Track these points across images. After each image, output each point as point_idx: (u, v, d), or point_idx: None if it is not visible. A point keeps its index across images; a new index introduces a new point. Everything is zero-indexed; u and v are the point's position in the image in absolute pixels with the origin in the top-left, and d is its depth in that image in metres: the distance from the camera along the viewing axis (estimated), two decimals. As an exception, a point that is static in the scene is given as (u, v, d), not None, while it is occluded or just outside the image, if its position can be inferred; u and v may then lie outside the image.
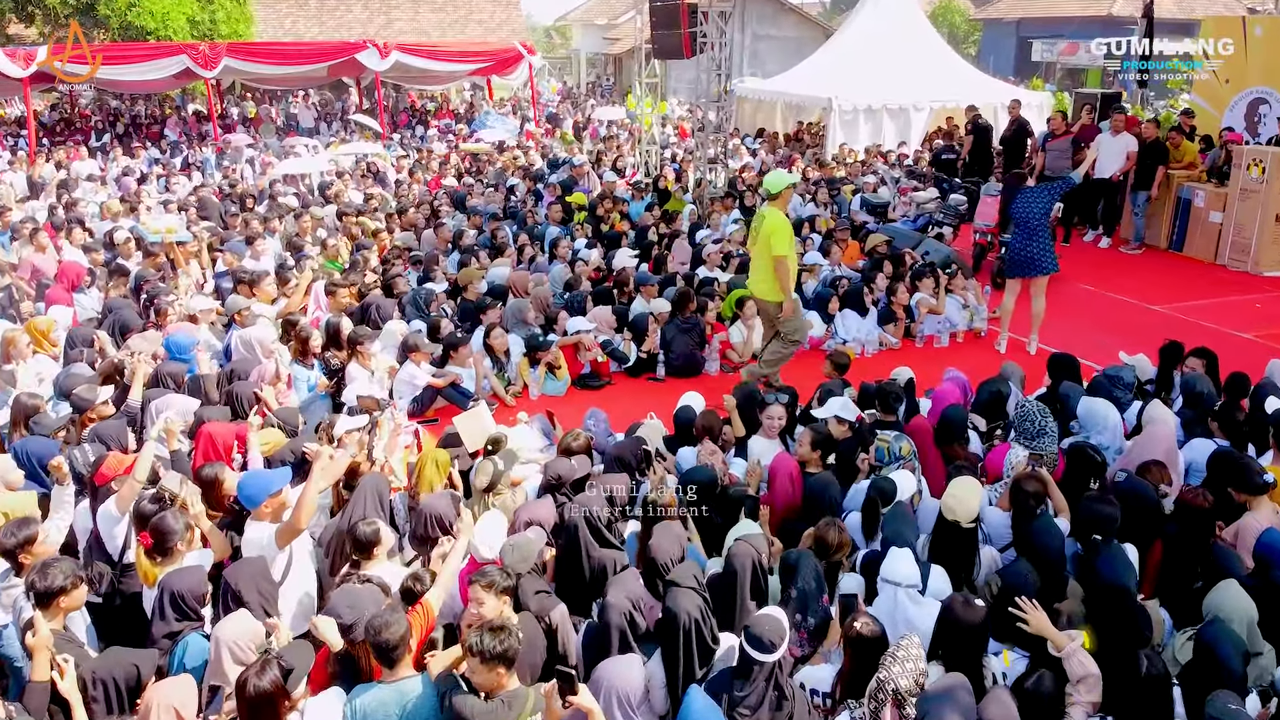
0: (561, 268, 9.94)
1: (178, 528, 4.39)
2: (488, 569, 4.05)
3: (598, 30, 48.56)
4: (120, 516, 4.87)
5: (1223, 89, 15.70)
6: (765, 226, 7.42)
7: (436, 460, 5.32)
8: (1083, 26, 40.49)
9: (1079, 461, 5.54)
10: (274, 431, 5.83)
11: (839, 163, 17.30)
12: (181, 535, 4.40)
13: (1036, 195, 8.53)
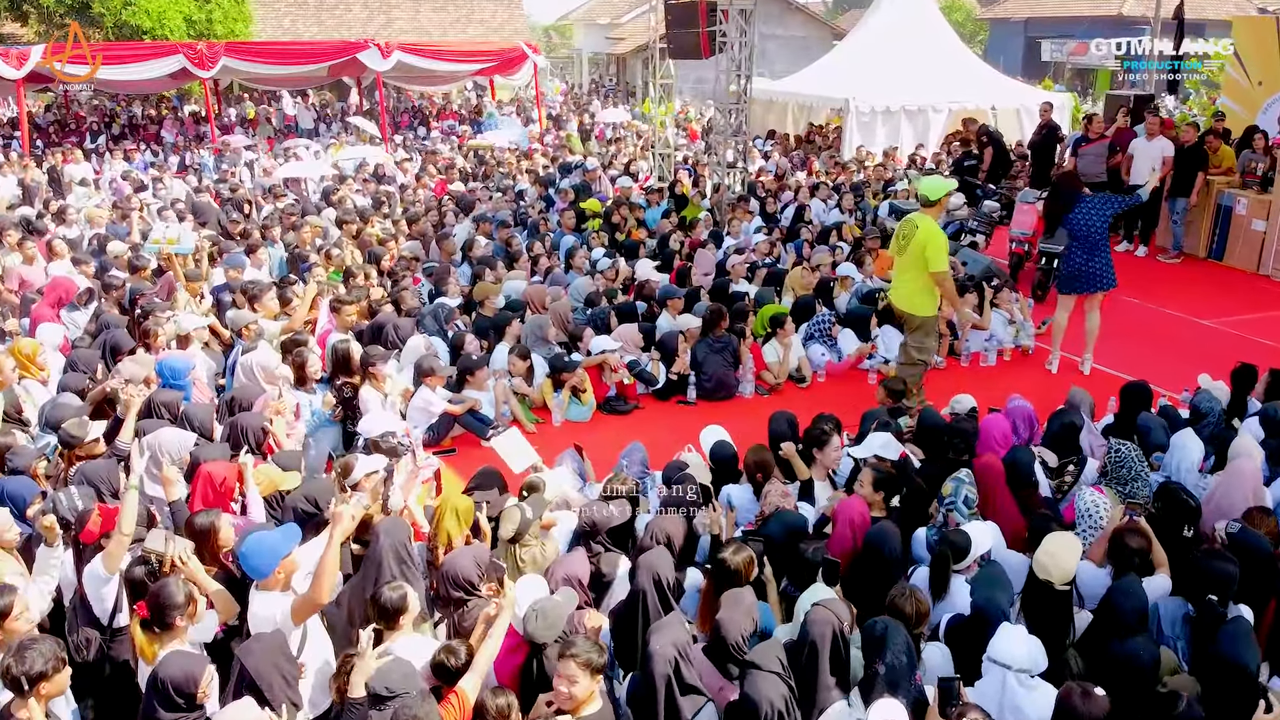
0: (584, 280, 9.38)
1: (179, 600, 3.83)
2: (577, 641, 3.52)
3: (600, 30, 48.00)
4: (109, 577, 4.32)
5: (1255, 91, 15.18)
6: (919, 236, 6.95)
7: (457, 510, 4.75)
8: (1092, 26, 40.00)
9: (1172, 506, 5.00)
10: (271, 469, 5.25)
11: (860, 165, 16.77)
12: (183, 609, 3.84)
13: (1099, 207, 7.99)
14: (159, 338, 7.40)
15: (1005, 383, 8.28)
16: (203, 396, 6.96)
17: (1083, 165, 12.88)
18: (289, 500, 4.92)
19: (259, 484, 5.15)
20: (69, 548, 4.68)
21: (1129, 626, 3.99)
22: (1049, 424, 6.13)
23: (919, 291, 7.13)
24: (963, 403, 6.40)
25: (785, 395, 8.04)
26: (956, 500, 4.93)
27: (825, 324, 8.54)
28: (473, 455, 6.84)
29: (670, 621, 3.92)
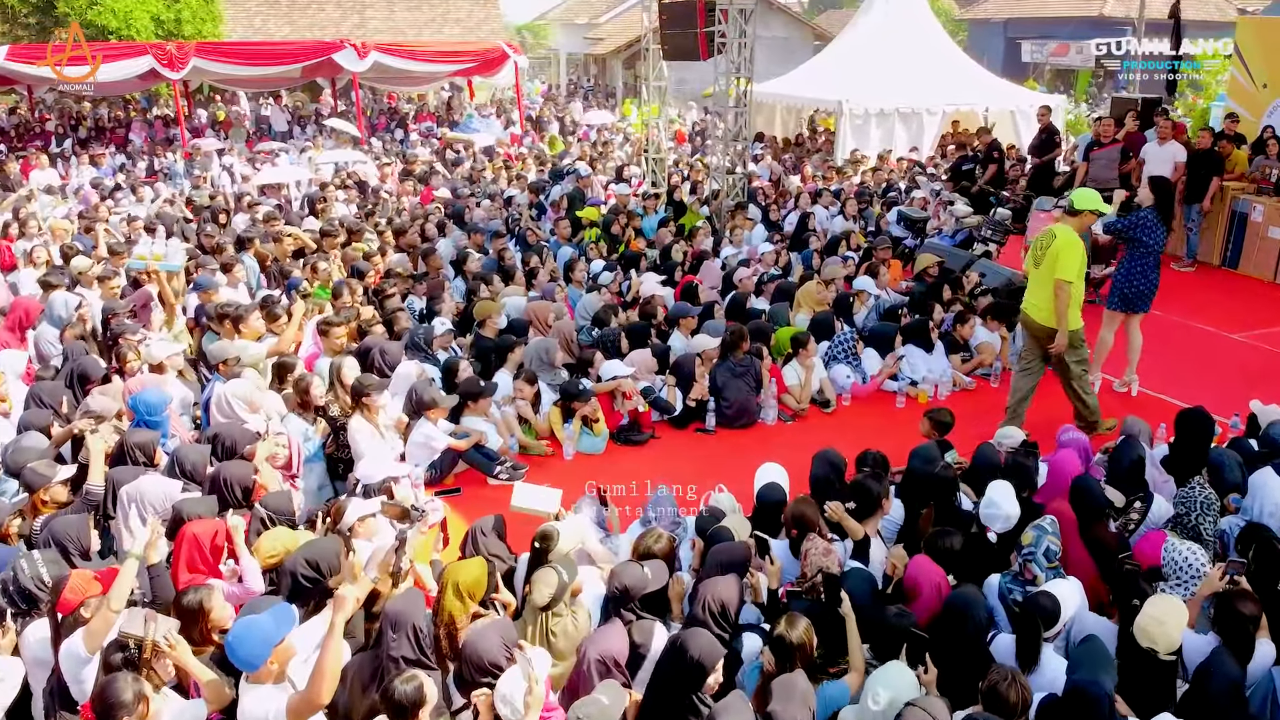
0: (591, 298, 8.80)
1: (126, 698, 3.26)
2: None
3: (578, 30, 47.40)
4: (89, 657, 3.74)
5: (1260, 93, 14.86)
6: (1056, 245, 6.65)
7: (459, 584, 4.06)
8: (1074, 27, 39.92)
9: (1266, 558, 4.53)
10: (280, 536, 4.62)
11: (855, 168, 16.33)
12: (132, 709, 3.26)
13: (1158, 224, 7.50)
14: (129, 362, 6.77)
15: (1040, 404, 7.80)
16: (179, 433, 6.33)
17: (1094, 170, 12.45)
18: (286, 563, 4.32)
19: (274, 553, 4.53)
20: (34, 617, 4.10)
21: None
22: (1114, 458, 5.65)
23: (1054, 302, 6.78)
24: (1012, 436, 5.90)
25: (810, 421, 7.53)
26: (1037, 552, 4.42)
27: (848, 343, 8.03)
28: (480, 495, 6.28)
29: (733, 705, 3.41)
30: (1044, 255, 6.80)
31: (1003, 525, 4.90)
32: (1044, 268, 6.77)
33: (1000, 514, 4.88)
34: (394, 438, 6.42)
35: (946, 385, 7.97)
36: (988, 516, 4.94)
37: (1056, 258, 6.63)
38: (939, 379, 7.99)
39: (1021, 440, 5.88)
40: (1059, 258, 6.62)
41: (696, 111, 29.68)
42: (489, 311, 7.84)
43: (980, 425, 7.30)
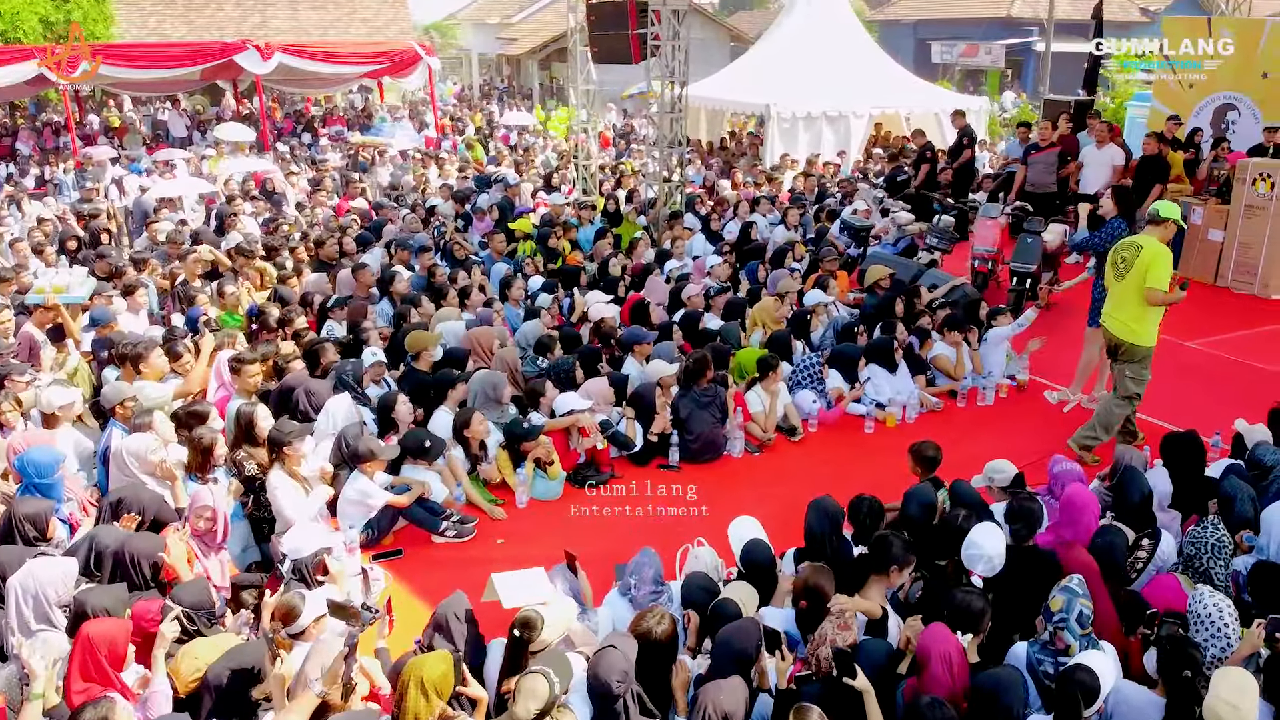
0: (535, 323, 8.14)
1: None
2: None
3: (490, 30, 46.39)
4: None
5: (1186, 94, 14.99)
6: (1145, 255, 6.43)
7: (424, 681, 3.44)
8: (983, 28, 40.64)
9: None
10: (201, 653, 3.86)
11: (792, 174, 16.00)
12: None
13: (1127, 235, 7.19)
14: (8, 414, 5.88)
15: (1014, 426, 7.48)
16: (76, 495, 5.49)
17: (1033, 175, 12.31)
18: (208, 675, 3.60)
19: (195, 675, 3.78)
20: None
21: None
22: (1121, 491, 5.28)
23: (1140, 318, 6.58)
24: (1004, 471, 5.47)
25: (778, 452, 7.02)
26: (1069, 618, 3.96)
27: (813, 366, 7.57)
28: (425, 556, 5.58)
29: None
30: (1128, 268, 6.56)
31: (986, 568, 4.47)
32: (1131, 279, 6.53)
33: (983, 555, 4.45)
34: (322, 491, 5.68)
35: (914, 407, 7.56)
36: (970, 558, 4.50)
37: (1148, 268, 6.43)
38: (906, 401, 7.58)
39: (1014, 475, 5.46)
40: (1150, 268, 6.42)
41: (615, 114, 29.15)
42: (424, 343, 7.07)
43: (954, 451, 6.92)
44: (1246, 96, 14.24)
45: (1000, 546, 4.40)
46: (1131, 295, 6.57)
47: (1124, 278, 6.62)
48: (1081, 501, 4.97)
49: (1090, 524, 4.92)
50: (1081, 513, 4.91)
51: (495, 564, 5.38)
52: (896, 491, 6.00)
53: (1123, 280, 6.63)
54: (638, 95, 31.02)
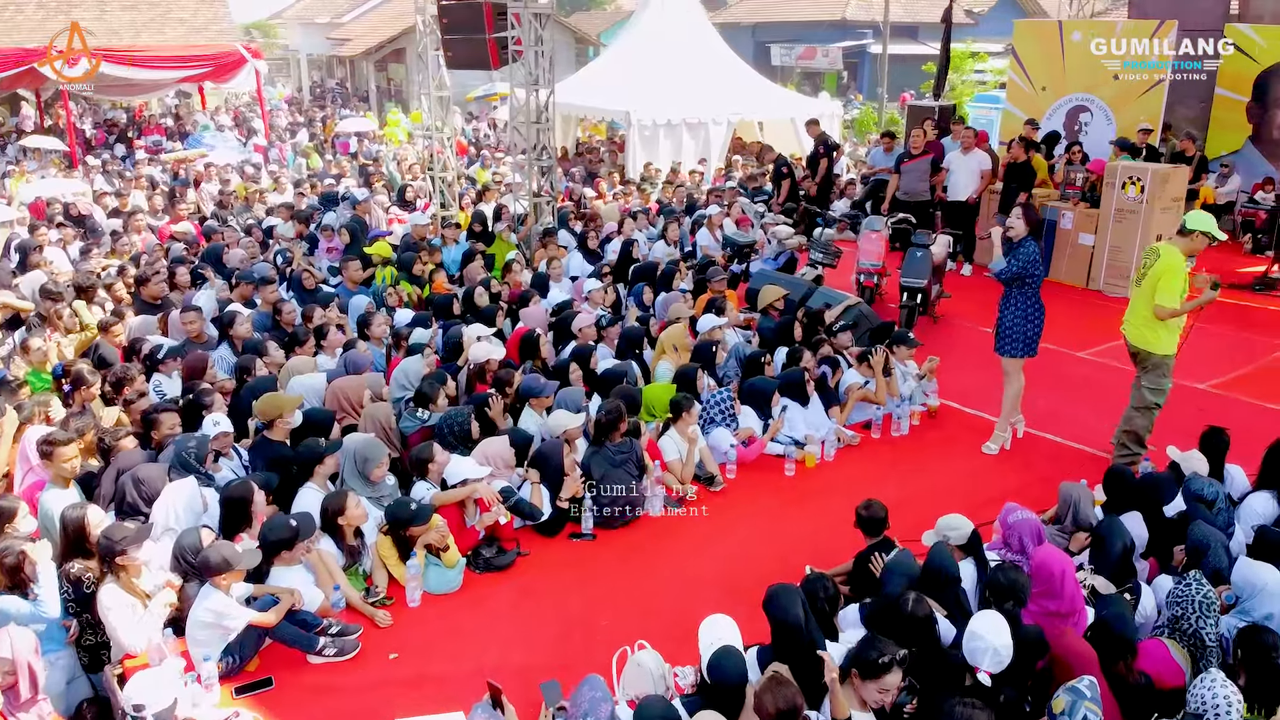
0: (414, 365, 7.06)
1: None
2: None
3: (319, 30, 43.89)
4: None
5: (1039, 96, 15.27)
6: (1159, 266, 6.25)
7: None
8: (820, 31, 41.52)
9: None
10: None
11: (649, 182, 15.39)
12: None
13: (1039, 255, 6.83)
14: None
15: (946, 462, 7.02)
16: None
17: (907, 183, 12.13)
18: None
19: None
20: None
21: None
22: (1100, 543, 4.83)
23: (1155, 326, 6.39)
24: (959, 528, 4.90)
25: (702, 505, 6.29)
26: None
27: (725, 403, 6.89)
28: (300, 684, 4.53)
29: None
30: (1145, 274, 6.40)
31: (994, 662, 3.89)
32: (1145, 287, 6.37)
33: (988, 648, 3.86)
34: (163, 599, 4.56)
35: (832, 443, 7.01)
36: (973, 652, 3.91)
37: (1159, 279, 6.22)
38: (824, 436, 7.02)
39: (971, 532, 4.92)
40: (1161, 279, 6.22)
41: (460, 118, 27.89)
42: (280, 409, 5.88)
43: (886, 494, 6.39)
44: (1098, 98, 14.59)
45: (1007, 636, 3.81)
46: (1144, 303, 6.41)
47: (1140, 284, 6.47)
48: (1059, 567, 4.45)
49: (1075, 591, 4.43)
50: (1064, 581, 4.40)
51: (390, 688, 4.45)
52: (837, 545, 5.53)
53: (1139, 286, 6.48)
54: (484, 99, 29.86)
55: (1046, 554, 4.53)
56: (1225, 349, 9.33)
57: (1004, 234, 6.89)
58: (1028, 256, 6.67)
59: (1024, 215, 6.78)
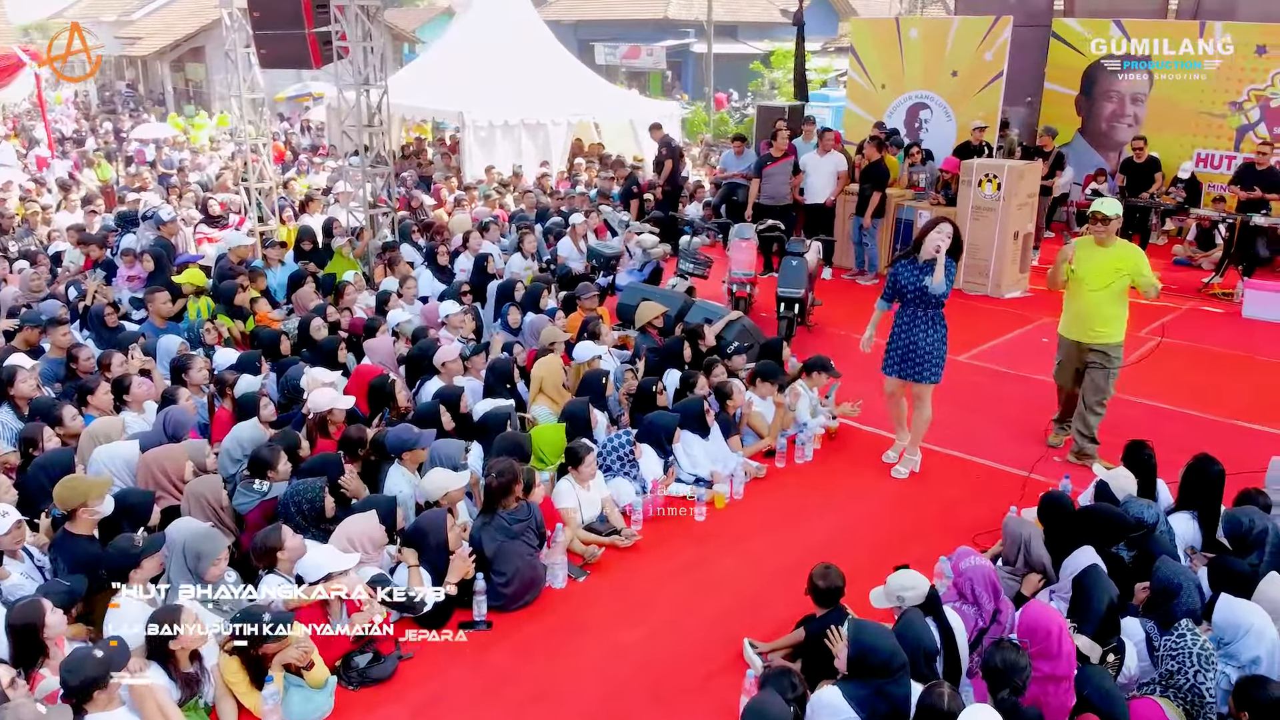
0: (248, 425, 5.84)
1: None
2: None
3: (106, 29, 39.98)
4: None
5: (878, 94, 15.27)
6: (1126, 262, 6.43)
7: None
8: (643, 30, 41.38)
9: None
10: None
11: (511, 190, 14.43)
12: None
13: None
14: None
15: (862, 491, 6.47)
16: None
17: (769, 188, 11.71)
18: None
19: None
20: None
21: None
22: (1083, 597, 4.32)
23: (1120, 319, 6.57)
24: (915, 587, 4.26)
25: (608, 570, 5.44)
26: None
27: (623, 446, 6.07)
28: None
29: None
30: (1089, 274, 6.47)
31: None
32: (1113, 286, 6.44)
33: None
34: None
35: (740, 478, 6.34)
36: None
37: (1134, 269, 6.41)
38: (731, 471, 6.35)
39: (929, 592, 4.32)
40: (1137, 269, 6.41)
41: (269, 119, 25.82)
42: (84, 496, 4.60)
43: (812, 535, 5.80)
44: (937, 95, 14.69)
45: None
46: (1109, 301, 6.49)
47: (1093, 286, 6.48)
48: (1055, 624, 3.92)
49: (1071, 649, 3.93)
50: (1061, 640, 3.88)
51: None
52: (771, 602, 4.99)
53: (1095, 290, 6.47)
54: (295, 99, 27.89)
55: (1039, 611, 4.01)
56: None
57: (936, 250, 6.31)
58: (950, 276, 6.22)
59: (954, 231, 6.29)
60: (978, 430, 7.36)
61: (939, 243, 6.10)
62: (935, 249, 6.10)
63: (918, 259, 6.26)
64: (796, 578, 5.25)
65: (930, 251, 6.16)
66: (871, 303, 6.73)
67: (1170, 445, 5.99)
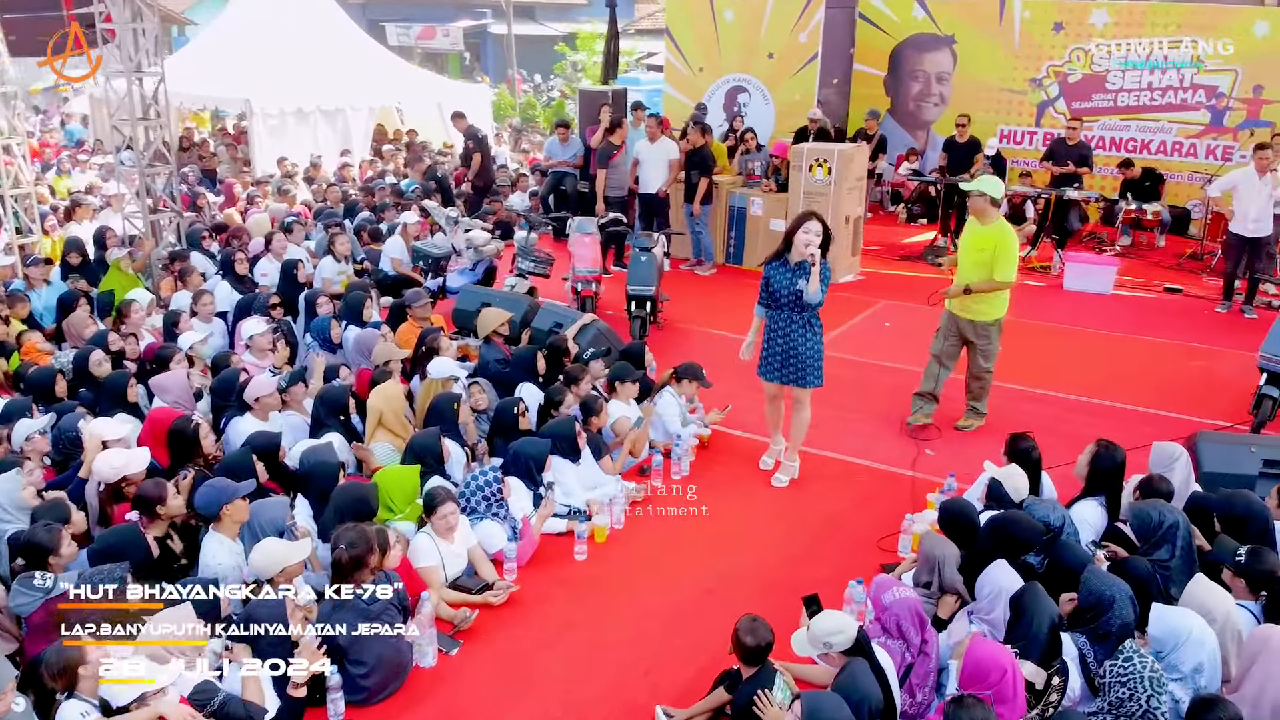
0: (9, 481, 4.58)
1: None
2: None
3: None
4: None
5: (696, 77, 15.01)
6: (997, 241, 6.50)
7: None
8: (437, 9, 39.80)
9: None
10: None
11: (290, 179, 13.12)
12: None
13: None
14: None
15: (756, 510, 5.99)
16: None
17: (614, 180, 11.14)
18: None
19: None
20: None
21: None
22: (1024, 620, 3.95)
23: (981, 297, 6.65)
24: (843, 631, 3.74)
25: (484, 637, 4.68)
26: None
27: (492, 486, 5.29)
28: None
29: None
30: (971, 247, 6.62)
31: None
32: (985, 263, 6.52)
33: None
34: None
35: (620, 504, 5.72)
36: None
37: (995, 256, 6.46)
38: (610, 500, 5.72)
39: (857, 634, 3.86)
40: (998, 255, 6.46)
41: (22, 114, 22.80)
42: None
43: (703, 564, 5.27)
44: (754, 78, 14.56)
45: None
46: (978, 278, 6.55)
47: (968, 265, 6.61)
48: (1006, 662, 3.56)
49: (1023, 687, 3.59)
50: (1015, 680, 3.55)
51: None
52: (674, 657, 4.43)
53: (967, 269, 6.61)
54: (52, 90, 24.87)
55: (987, 653, 3.63)
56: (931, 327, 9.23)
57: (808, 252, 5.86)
58: (828, 279, 5.82)
59: (823, 227, 5.87)
60: (848, 427, 7.08)
61: (809, 242, 5.68)
62: (808, 252, 5.67)
63: (789, 260, 5.83)
64: (697, 622, 4.76)
65: (801, 252, 5.73)
66: (715, 293, 6.36)
67: (1024, 426, 5.87)
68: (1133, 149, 13.37)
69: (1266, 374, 6.70)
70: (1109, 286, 10.74)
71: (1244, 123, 12.59)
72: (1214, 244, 11.73)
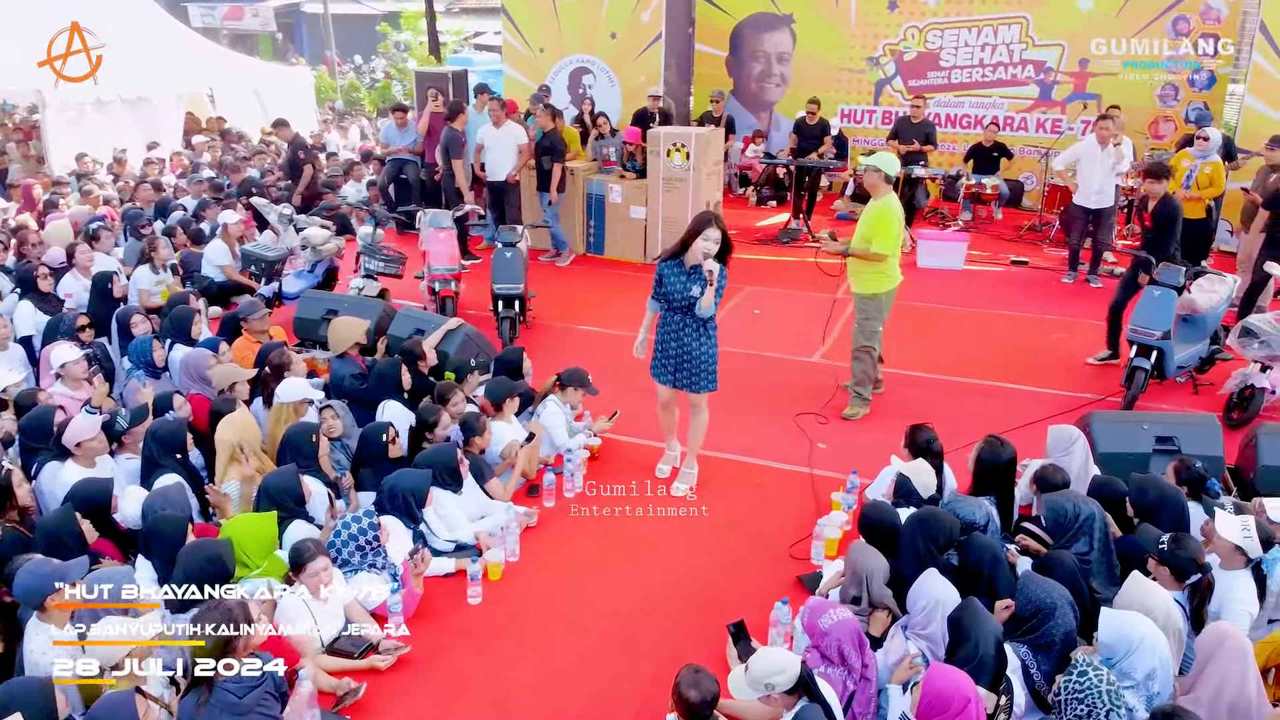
0: None
1: None
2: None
3: None
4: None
5: (538, 58, 14.41)
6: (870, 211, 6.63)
7: None
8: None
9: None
10: None
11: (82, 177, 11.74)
12: None
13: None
14: None
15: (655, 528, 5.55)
16: None
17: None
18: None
19: None
20: None
21: None
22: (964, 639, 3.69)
23: (858, 270, 6.74)
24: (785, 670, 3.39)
25: (376, 711, 4.03)
26: None
27: (368, 532, 4.63)
28: None
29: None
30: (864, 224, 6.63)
31: None
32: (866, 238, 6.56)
33: None
34: None
35: (513, 534, 5.18)
36: None
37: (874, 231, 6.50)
38: (502, 530, 5.17)
39: (800, 674, 3.51)
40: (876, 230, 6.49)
41: None
42: None
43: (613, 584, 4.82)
44: (598, 59, 14.11)
45: None
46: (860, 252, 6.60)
47: (861, 237, 6.61)
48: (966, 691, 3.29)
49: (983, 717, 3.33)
50: (978, 708, 3.27)
51: None
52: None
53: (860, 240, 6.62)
54: None
55: (945, 683, 3.32)
56: (800, 313, 9.12)
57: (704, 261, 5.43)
58: (723, 289, 5.44)
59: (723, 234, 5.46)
60: (737, 423, 6.75)
61: (708, 251, 5.28)
62: (706, 265, 5.27)
63: (684, 261, 5.42)
64: (620, 663, 4.32)
65: (698, 257, 5.33)
66: (577, 285, 5.93)
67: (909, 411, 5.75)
68: (967, 125, 13.73)
69: (1136, 346, 6.85)
70: (961, 262, 10.94)
71: (1071, 95, 13.12)
72: (1051, 215, 12.16)
